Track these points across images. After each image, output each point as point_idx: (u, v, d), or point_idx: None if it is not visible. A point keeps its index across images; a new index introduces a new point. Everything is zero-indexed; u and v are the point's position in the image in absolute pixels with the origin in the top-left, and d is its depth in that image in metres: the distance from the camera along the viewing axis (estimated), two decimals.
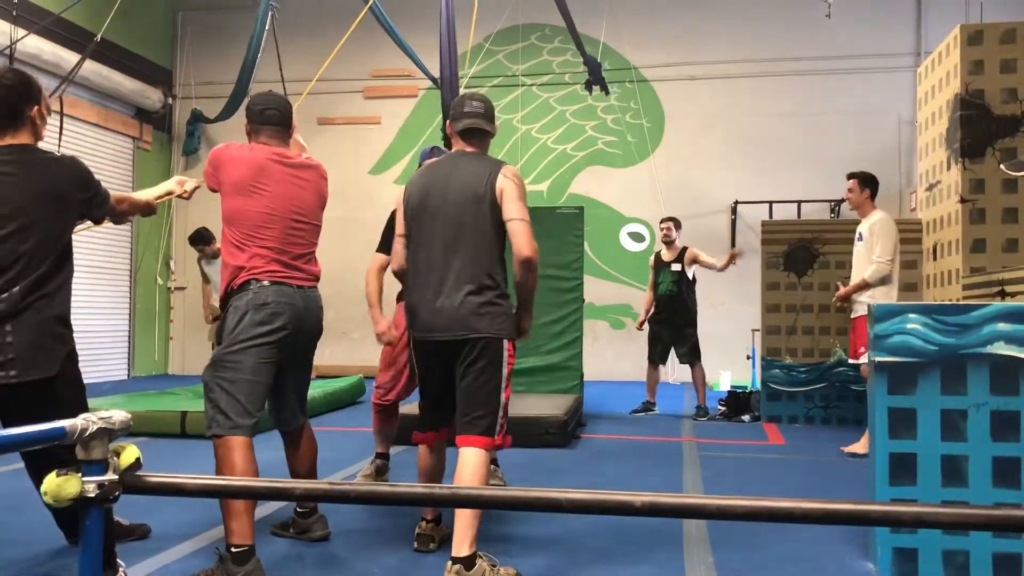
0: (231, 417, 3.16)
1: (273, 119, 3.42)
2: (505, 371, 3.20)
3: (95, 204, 3.13)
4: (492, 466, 4.71)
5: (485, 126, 3.33)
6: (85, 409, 2.91)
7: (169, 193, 3.68)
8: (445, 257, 3.19)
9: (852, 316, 6.13)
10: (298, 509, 3.69)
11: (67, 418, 1.46)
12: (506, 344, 3.20)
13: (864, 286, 5.94)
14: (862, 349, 5.86)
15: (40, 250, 2.91)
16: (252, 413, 3.20)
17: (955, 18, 10.51)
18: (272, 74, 10.37)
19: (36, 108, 3.05)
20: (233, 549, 3.03)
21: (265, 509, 4.07)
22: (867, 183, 6.14)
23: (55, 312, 2.95)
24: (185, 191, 3.67)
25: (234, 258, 3.28)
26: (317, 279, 3.48)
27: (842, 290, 6.15)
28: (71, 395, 2.97)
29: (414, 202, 3.31)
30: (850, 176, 6.24)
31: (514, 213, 3.15)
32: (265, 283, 3.24)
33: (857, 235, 6.17)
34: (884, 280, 5.93)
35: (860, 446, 5.91)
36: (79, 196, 3.05)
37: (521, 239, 3.13)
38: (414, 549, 3.52)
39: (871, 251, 5.93)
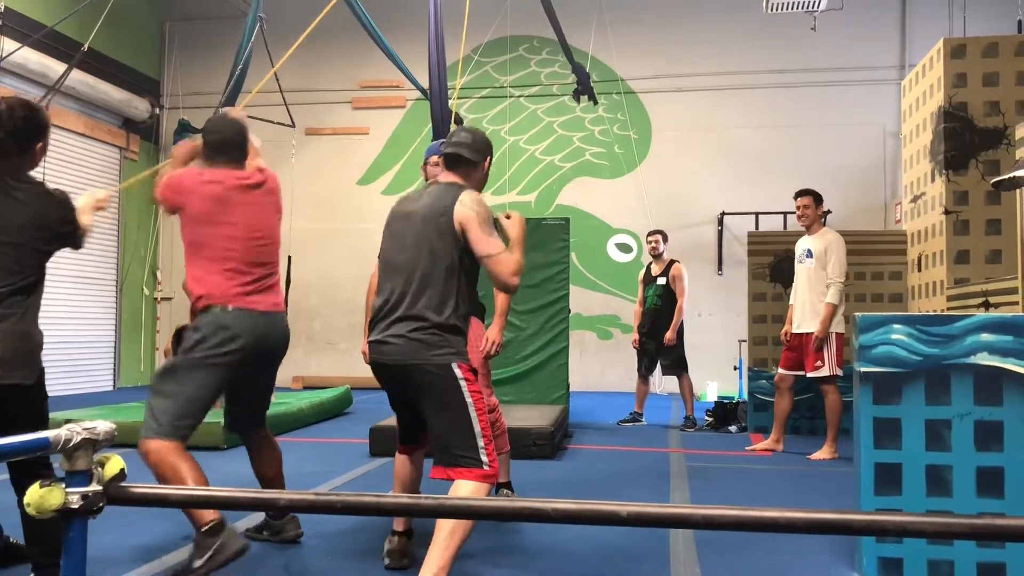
0: (162, 423, 3.24)
1: (230, 148, 3.49)
2: (468, 398, 3.00)
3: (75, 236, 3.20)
4: (507, 491, 4.61)
5: (464, 152, 3.20)
6: (46, 420, 3.04)
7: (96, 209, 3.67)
8: (403, 286, 3.09)
9: (799, 331, 6.28)
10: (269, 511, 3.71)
11: (32, 428, 1.46)
12: (456, 368, 3.01)
13: (834, 311, 6.09)
14: (819, 363, 6.12)
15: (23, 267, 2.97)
16: (182, 424, 3.28)
17: (938, 32, 10.60)
18: (258, 84, 10.36)
19: (41, 144, 3.08)
20: (204, 528, 3.13)
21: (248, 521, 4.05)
22: (820, 200, 6.37)
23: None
24: (101, 202, 3.58)
25: (199, 282, 3.40)
26: (279, 307, 3.55)
27: (820, 329, 6.08)
28: (40, 405, 3.04)
29: (386, 227, 3.29)
30: (803, 193, 6.38)
31: (482, 250, 3.03)
32: (229, 308, 3.35)
33: (804, 252, 6.32)
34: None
35: (824, 452, 6.18)
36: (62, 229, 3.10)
37: (499, 274, 3.03)
38: (385, 567, 3.41)
39: (823, 268, 6.13)
